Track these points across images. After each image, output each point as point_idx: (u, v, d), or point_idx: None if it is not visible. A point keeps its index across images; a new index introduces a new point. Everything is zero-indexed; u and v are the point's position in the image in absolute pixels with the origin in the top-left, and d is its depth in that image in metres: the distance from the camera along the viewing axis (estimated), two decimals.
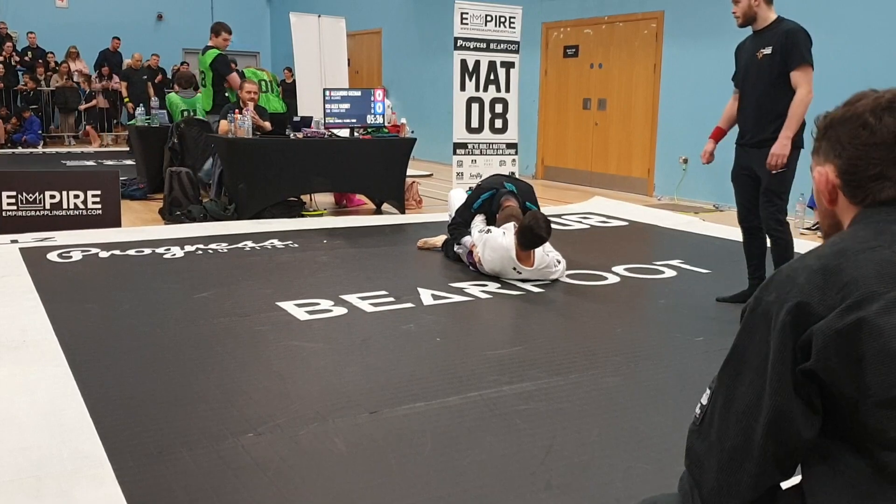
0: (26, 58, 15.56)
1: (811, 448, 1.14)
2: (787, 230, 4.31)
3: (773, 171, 4.16)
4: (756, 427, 1.14)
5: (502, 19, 8.28)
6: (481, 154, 8.33)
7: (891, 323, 1.06)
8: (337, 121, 7.66)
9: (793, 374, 1.11)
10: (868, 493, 1.07)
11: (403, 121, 8.34)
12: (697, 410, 1.25)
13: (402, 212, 7.87)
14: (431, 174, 11.29)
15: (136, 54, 15.71)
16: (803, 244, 5.23)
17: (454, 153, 8.23)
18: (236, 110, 7.26)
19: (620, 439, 2.76)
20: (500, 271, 4.91)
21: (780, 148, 4.10)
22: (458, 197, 5.86)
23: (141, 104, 10.21)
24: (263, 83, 8.91)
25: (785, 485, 1.20)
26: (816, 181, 1.28)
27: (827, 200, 1.28)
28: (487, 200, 5.36)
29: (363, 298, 4.49)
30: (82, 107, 15.42)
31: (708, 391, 1.24)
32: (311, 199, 8.08)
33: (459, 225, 5.43)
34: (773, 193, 4.26)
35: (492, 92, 8.27)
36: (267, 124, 7.47)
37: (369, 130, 7.83)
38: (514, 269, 4.85)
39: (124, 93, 15.40)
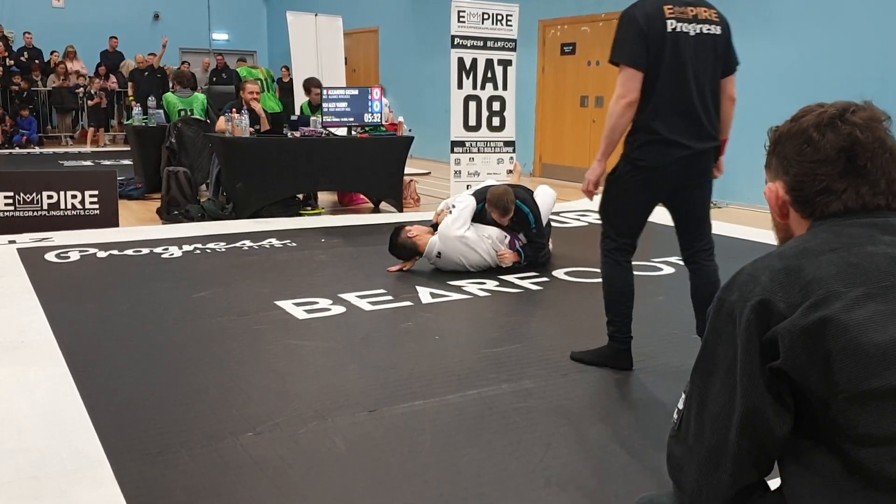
0: (22, 58, 15.52)
1: (787, 448, 1.15)
2: (608, 267, 3.36)
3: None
4: (730, 426, 1.15)
5: (499, 17, 8.27)
6: (479, 152, 8.31)
7: (855, 319, 1.08)
8: (334, 119, 7.66)
9: (762, 371, 1.13)
10: (844, 490, 1.09)
11: (401, 119, 8.33)
12: (675, 416, 1.27)
13: (401, 210, 7.86)
14: (429, 172, 11.29)
15: (138, 55, 15.46)
16: None
17: (452, 151, 8.22)
18: (234, 109, 7.26)
19: (619, 437, 2.77)
20: None
21: (589, 171, 3.28)
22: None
23: (138, 104, 10.20)
24: (259, 82, 8.91)
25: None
26: (767, 197, 1.32)
27: (778, 215, 1.31)
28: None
29: (361, 297, 4.49)
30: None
31: (683, 395, 1.25)
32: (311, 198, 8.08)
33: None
34: (601, 220, 3.43)
35: (489, 90, 8.25)
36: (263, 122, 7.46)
37: (367, 129, 7.82)
38: None
39: (130, 93, 15.26)
